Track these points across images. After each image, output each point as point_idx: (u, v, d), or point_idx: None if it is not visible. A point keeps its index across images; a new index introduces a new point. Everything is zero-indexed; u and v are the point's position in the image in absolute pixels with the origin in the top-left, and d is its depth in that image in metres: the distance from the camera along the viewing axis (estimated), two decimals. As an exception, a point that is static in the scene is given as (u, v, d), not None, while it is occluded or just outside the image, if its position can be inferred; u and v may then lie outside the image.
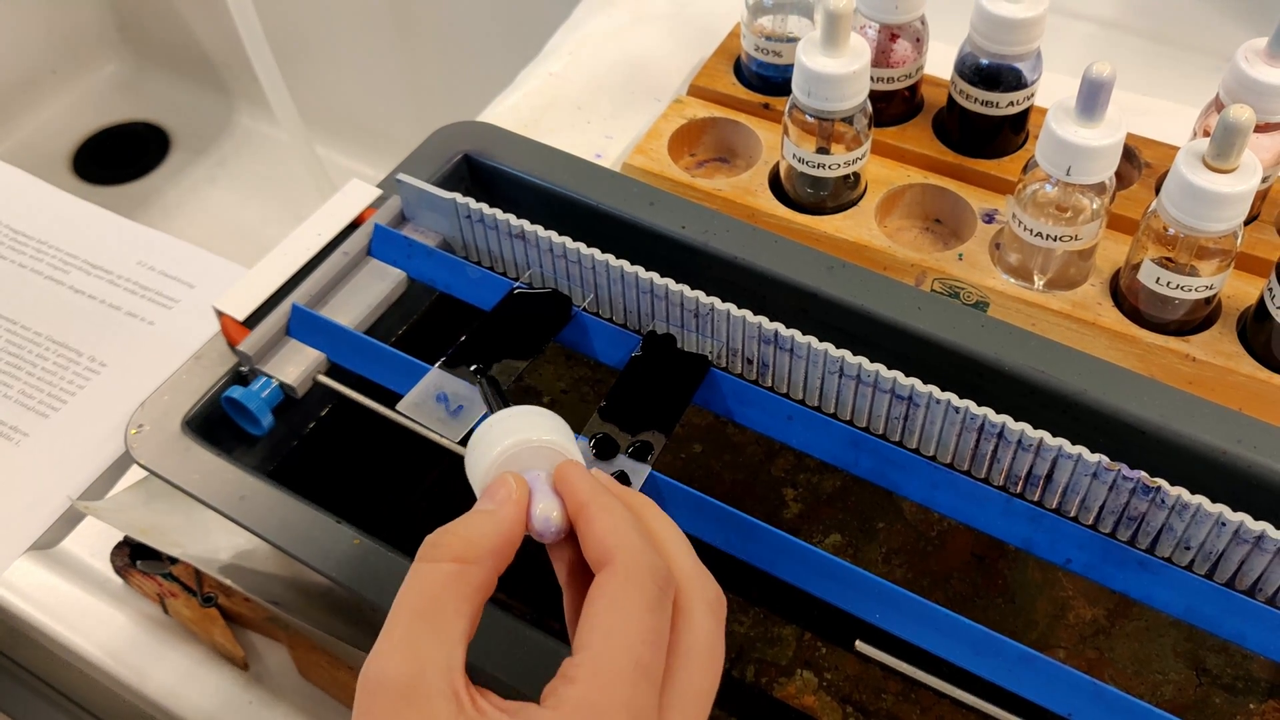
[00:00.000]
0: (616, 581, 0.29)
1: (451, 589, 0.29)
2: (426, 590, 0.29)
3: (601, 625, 0.28)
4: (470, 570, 0.29)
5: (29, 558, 0.53)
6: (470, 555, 0.30)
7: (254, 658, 0.50)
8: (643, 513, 0.32)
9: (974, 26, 0.55)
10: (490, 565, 0.30)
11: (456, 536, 0.30)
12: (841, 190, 0.58)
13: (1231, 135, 0.45)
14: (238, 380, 0.47)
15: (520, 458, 0.33)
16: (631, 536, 0.30)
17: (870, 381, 0.42)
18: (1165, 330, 0.52)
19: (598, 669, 0.28)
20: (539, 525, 0.31)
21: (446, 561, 0.29)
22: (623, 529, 0.30)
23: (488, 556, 0.30)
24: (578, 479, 0.32)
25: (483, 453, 0.33)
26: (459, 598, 0.29)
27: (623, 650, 0.28)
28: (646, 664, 0.28)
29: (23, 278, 0.64)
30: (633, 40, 0.74)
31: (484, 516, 0.31)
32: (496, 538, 0.30)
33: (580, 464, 0.33)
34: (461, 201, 0.48)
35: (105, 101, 1.25)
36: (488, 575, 0.30)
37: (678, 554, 0.31)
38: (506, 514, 0.31)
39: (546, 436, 0.33)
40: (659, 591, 0.29)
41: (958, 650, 0.37)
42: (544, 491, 0.32)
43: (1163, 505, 0.38)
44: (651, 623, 0.28)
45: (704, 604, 0.30)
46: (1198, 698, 0.45)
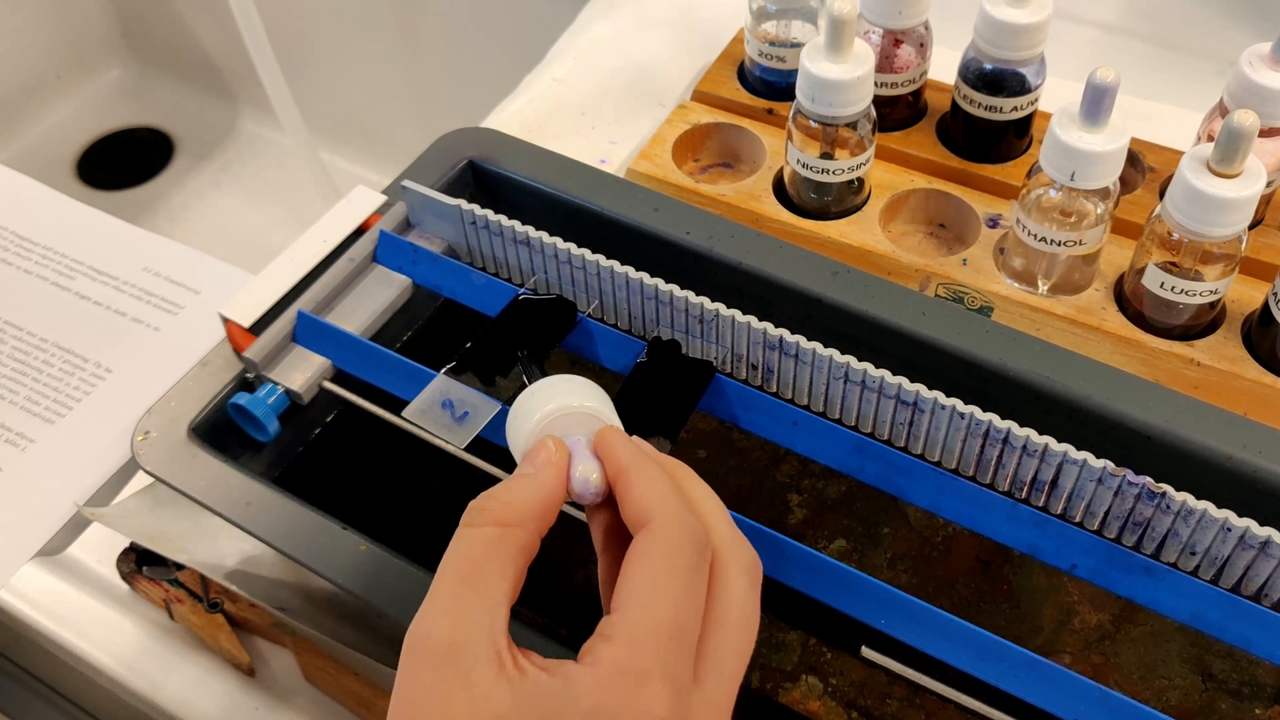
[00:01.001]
0: (655, 543, 0.29)
1: (494, 552, 0.29)
2: (470, 554, 0.29)
3: (640, 586, 0.29)
4: (513, 533, 0.30)
5: (35, 564, 0.53)
6: (512, 518, 0.30)
7: (260, 663, 0.50)
8: (681, 478, 0.33)
9: (978, 31, 0.55)
10: (532, 528, 0.30)
11: (498, 500, 0.30)
12: (845, 195, 0.58)
13: (1236, 140, 0.45)
14: (244, 387, 0.47)
15: (560, 423, 0.33)
16: (670, 500, 0.30)
17: (875, 387, 0.42)
18: (1170, 335, 0.52)
19: (635, 629, 0.28)
20: (578, 487, 0.32)
21: (489, 525, 0.30)
22: (662, 493, 0.30)
23: (529, 519, 0.30)
24: (618, 443, 0.32)
25: (523, 419, 0.34)
26: (502, 560, 0.29)
27: (661, 611, 0.28)
28: (683, 626, 0.28)
29: (28, 284, 0.64)
30: (636, 46, 0.74)
31: (525, 480, 0.31)
32: (537, 501, 0.31)
33: (620, 429, 0.34)
34: (466, 208, 0.48)
35: (110, 107, 1.25)
36: (530, 537, 0.30)
37: (715, 519, 0.32)
38: (547, 477, 0.31)
39: (587, 402, 0.34)
40: (696, 555, 0.29)
41: (963, 656, 0.37)
42: (584, 454, 0.32)
43: (1168, 510, 0.38)
44: (689, 585, 0.29)
45: (740, 569, 0.31)
46: (1203, 703, 0.45)
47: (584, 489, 0.32)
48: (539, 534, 0.31)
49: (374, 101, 1.15)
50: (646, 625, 0.28)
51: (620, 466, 0.32)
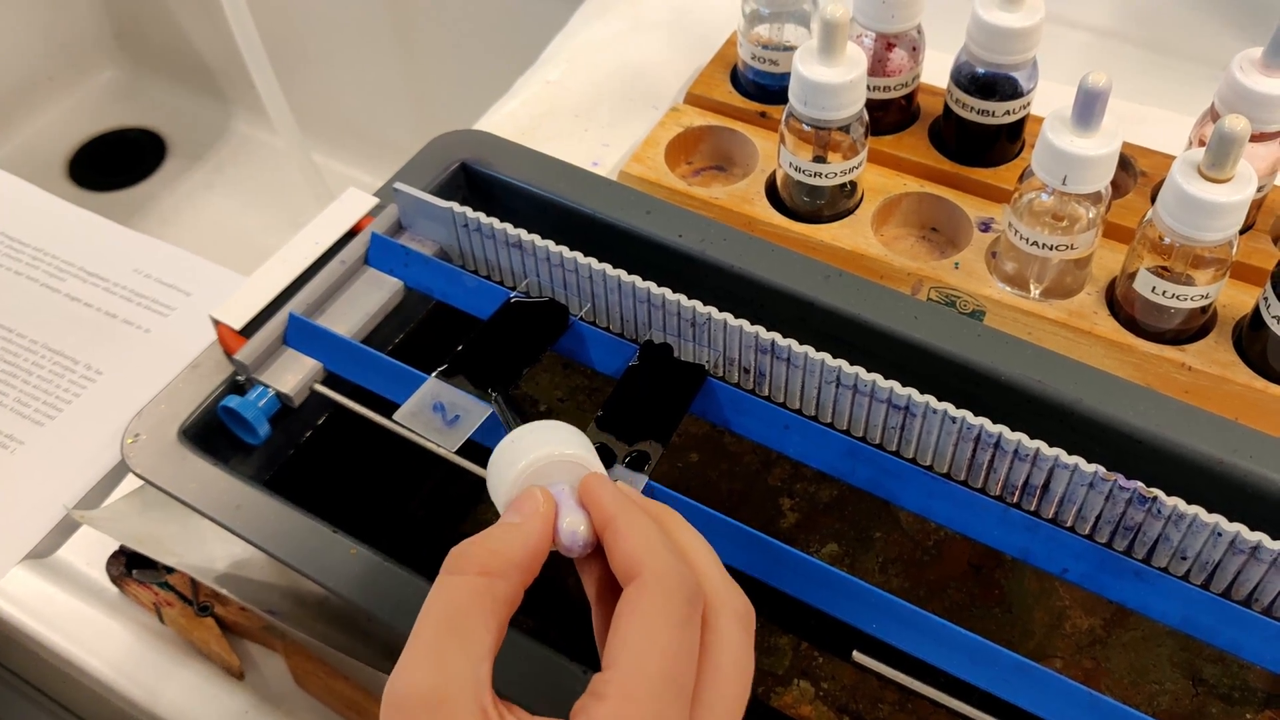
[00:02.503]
0: (645, 596, 0.29)
1: (477, 602, 0.29)
2: (453, 603, 0.29)
3: (631, 640, 0.28)
4: (496, 583, 0.29)
5: (24, 566, 0.53)
6: (496, 568, 0.29)
7: (250, 667, 0.50)
8: (670, 525, 0.32)
9: (970, 35, 0.55)
10: (517, 579, 0.30)
11: (483, 549, 0.30)
12: (838, 199, 0.58)
13: (1226, 145, 0.45)
14: (234, 389, 0.47)
15: (544, 472, 0.33)
16: (659, 550, 0.30)
17: (867, 391, 0.42)
18: (1161, 339, 0.52)
19: (628, 685, 0.27)
20: (566, 540, 0.31)
21: (473, 574, 0.29)
22: (650, 543, 0.30)
23: (514, 570, 0.30)
24: (604, 492, 0.32)
25: (506, 468, 0.33)
26: (485, 611, 0.29)
27: (653, 665, 0.28)
28: (677, 679, 0.28)
29: (18, 285, 0.64)
30: (630, 48, 0.74)
31: (511, 530, 0.31)
32: (523, 551, 0.30)
33: (605, 476, 0.33)
34: (459, 210, 0.48)
35: (102, 108, 1.25)
36: (514, 588, 0.30)
37: (706, 566, 0.31)
38: (533, 527, 0.31)
39: (570, 450, 0.33)
40: (688, 605, 0.29)
41: (955, 660, 0.37)
42: (569, 505, 0.32)
43: (1159, 515, 0.38)
44: (681, 637, 0.28)
45: (733, 615, 0.30)
46: (1194, 707, 0.45)
47: (572, 541, 0.31)
48: (523, 585, 0.30)
49: (367, 103, 1.15)
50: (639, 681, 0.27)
51: (607, 516, 0.31)
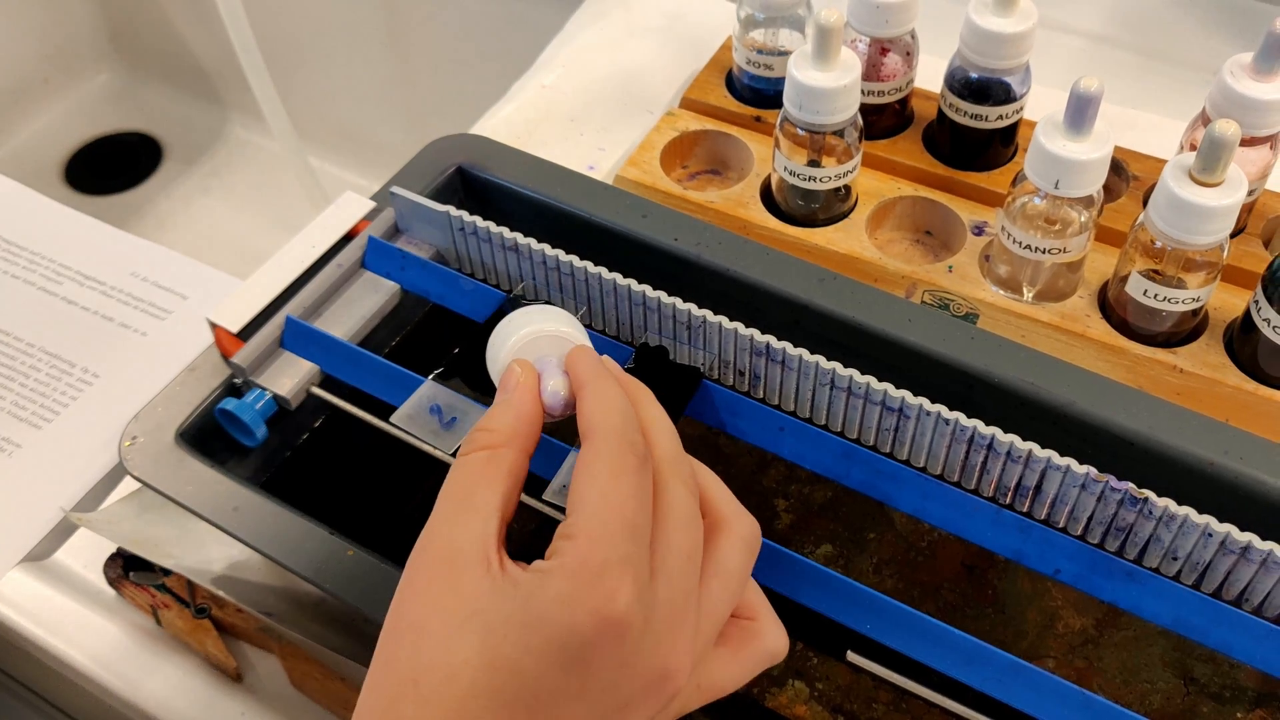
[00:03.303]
0: (597, 451, 0.32)
1: (482, 472, 0.32)
2: (463, 476, 0.33)
3: (590, 489, 0.31)
4: (499, 453, 0.33)
5: (22, 569, 0.53)
6: (496, 441, 0.33)
7: (247, 669, 0.50)
8: (638, 398, 0.35)
9: (963, 40, 0.56)
10: (517, 445, 0.33)
11: (481, 429, 0.34)
12: (832, 203, 0.58)
13: (1217, 149, 0.46)
14: (231, 392, 0.47)
15: (533, 346, 0.36)
16: (613, 414, 0.33)
17: (861, 393, 0.42)
18: (1153, 342, 0.52)
19: (591, 525, 0.30)
20: (548, 399, 0.35)
21: (476, 450, 0.33)
22: (609, 407, 0.33)
23: (512, 438, 0.33)
24: (582, 361, 0.35)
25: (498, 346, 0.37)
26: (491, 478, 0.32)
27: (612, 508, 0.30)
28: (633, 521, 0.31)
29: (15, 289, 0.64)
30: (625, 53, 0.75)
31: (501, 405, 0.34)
32: (515, 420, 0.34)
33: (589, 348, 0.36)
34: (455, 214, 0.49)
35: (98, 111, 1.25)
36: (516, 455, 0.33)
37: (659, 435, 0.34)
38: (519, 397, 0.34)
39: (553, 326, 0.37)
40: (637, 461, 0.32)
41: (948, 660, 0.37)
42: (553, 371, 0.35)
43: (1150, 516, 0.38)
44: (634, 486, 0.31)
45: (679, 480, 0.33)
46: (1185, 707, 0.45)
47: (554, 401, 0.35)
48: (524, 451, 0.33)
49: (363, 107, 1.15)
50: (601, 520, 0.30)
51: (580, 382, 0.34)
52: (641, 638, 0.30)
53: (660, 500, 0.32)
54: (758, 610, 0.34)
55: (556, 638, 0.29)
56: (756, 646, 0.34)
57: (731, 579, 0.33)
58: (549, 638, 0.29)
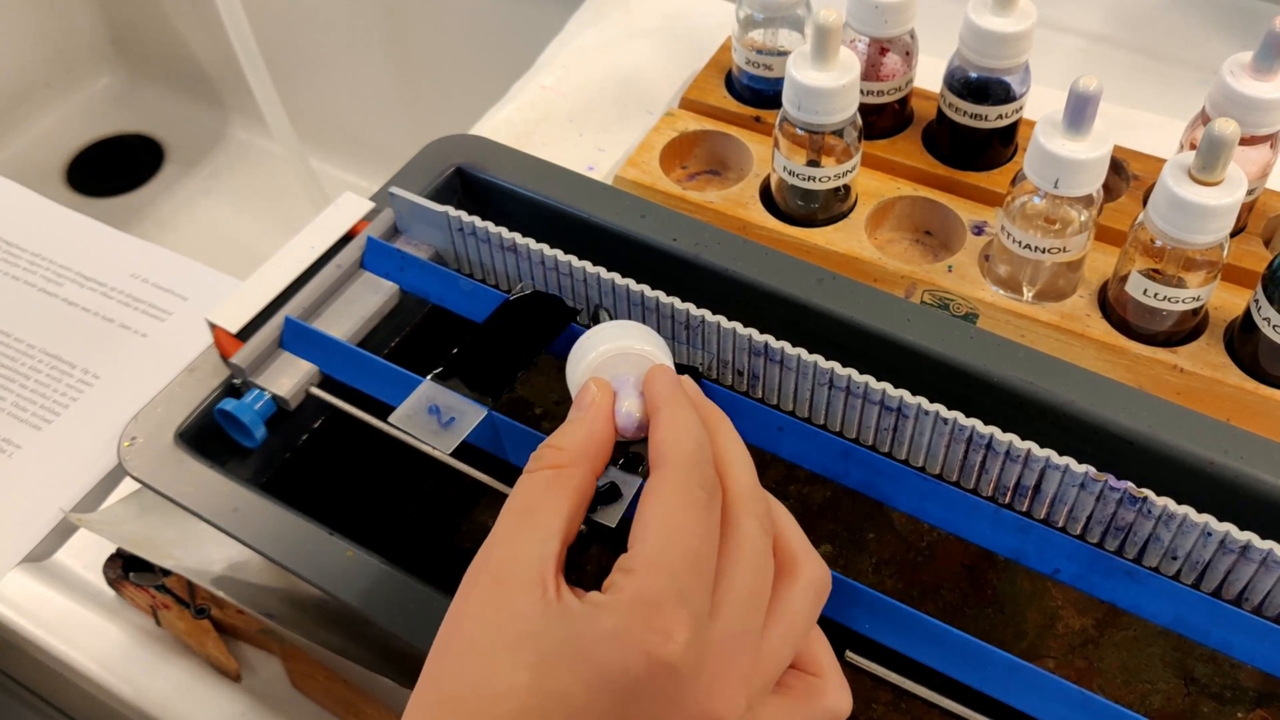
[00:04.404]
0: (665, 481, 0.31)
1: (547, 491, 0.32)
2: (526, 495, 0.32)
3: (654, 521, 0.30)
4: (564, 473, 0.32)
5: (22, 570, 0.53)
6: (563, 460, 0.32)
7: (247, 669, 0.50)
8: (715, 426, 0.34)
9: (963, 40, 0.56)
10: (585, 466, 0.33)
11: (550, 446, 0.33)
12: (832, 203, 0.58)
13: (1217, 149, 0.46)
14: (231, 393, 0.47)
15: (610, 364, 0.35)
16: (687, 443, 0.32)
17: (860, 393, 0.42)
18: (1153, 341, 0.52)
19: (652, 560, 0.29)
20: (622, 422, 0.34)
21: (543, 469, 0.32)
22: (683, 435, 0.32)
23: (580, 459, 0.33)
24: (659, 382, 0.34)
25: (576, 362, 0.36)
26: (555, 498, 0.32)
27: (675, 543, 0.30)
28: (696, 557, 0.30)
29: (16, 290, 0.64)
30: (625, 53, 0.75)
31: (573, 424, 0.34)
32: (586, 440, 0.33)
33: (669, 369, 0.35)
34: (454, 214, 0.49)
35: (99, 114, 1.25)
36: (583, 476, 0.32)
37: (735, 468, 0.33)
38: (591, 416, 0.34)
39: (637, 344, 0.36)
40: (705, 495, 0.31)
41: (948, 660, 0.37)
42: (629, 392, 0.34)
43: (1150, 515, 0.38)
44: (701, 520, 0.30)
45: (753, 518, 0.32)
46: (1186, 707, 0.45)
47: (627, 423, 0.34)
48: (592, 472, 0.33)
49: (363, 108, 1.15)
50: (662, 555, 0.29)
51: (656, 405, 0.34)
52: (695, 678, 0.29)
53: (729, 536, 0.31)
54: (824, 666, 0.33)
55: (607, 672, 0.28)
56: (816, 704, 0.32)
57: (795, 625, 0.32)
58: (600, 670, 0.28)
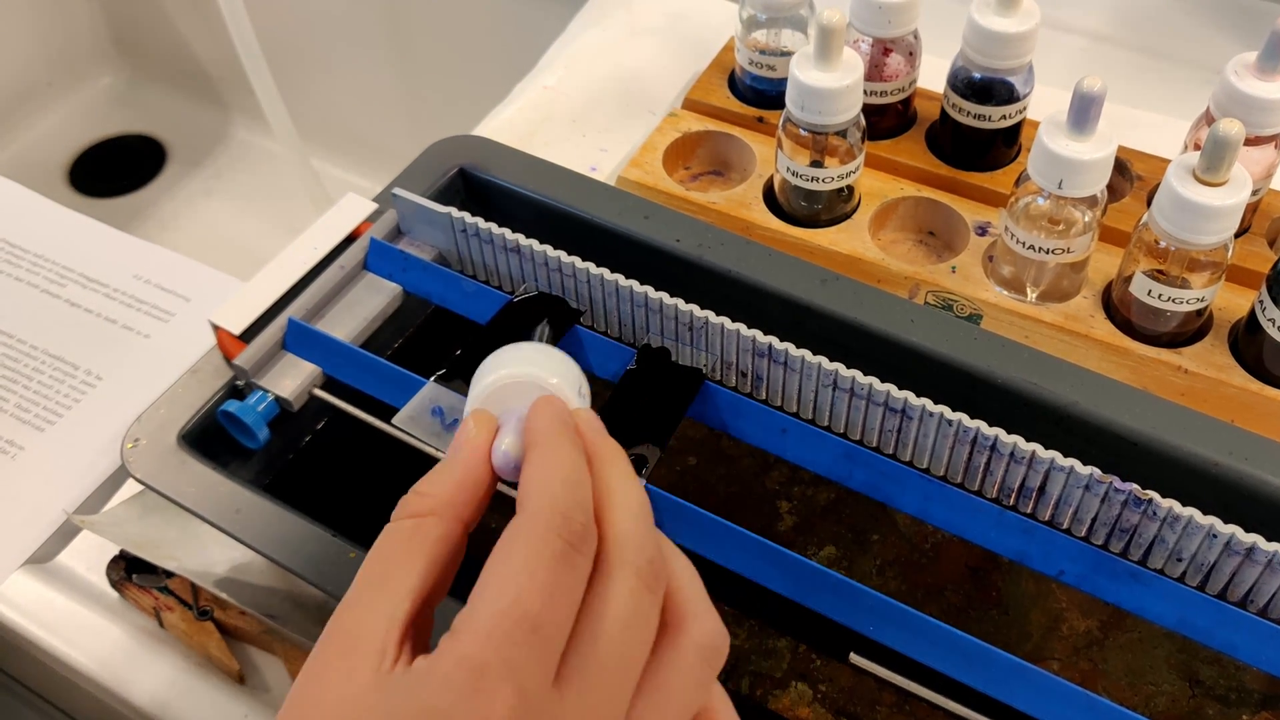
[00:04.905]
0: (519, 531, 0.27)
1: (404, 545, 0.28)
2: (383, 550, 0.29)
3: (493, 577, 0.27)
4: (425, 523, 0.29)
5: (25, 571, 0.53)
6: (424, 508, 0.29)
7: (249, 671, 0.50)
8: (601, 466, 0.30)
9: (966, 40, 0.56)
10: (450, 515, 0.29)
11: (415, 493, 0.30)
12: (835, 203, 0.58)
13: (1221, 149, 0.46)
14: (233, 394, 0.47)
15: (502, 395, 0.31)
16: (551, 485, 0.28)
17: (864, 394, 0.42)
18: (1157, 342, 0.52)
19: (479, 622, 0.26)
20: (498, 462, 0.30)
21: (404, 519, 0.29)
22: (549, 476, 0.28)
23: (445, 507, 0.29)
24: (541, 416, 0.30)
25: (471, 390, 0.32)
26: (412, 554, 0.28)
27: (508, 602, 0.26)
28: (537, 620, 0.26)
29: (19, 291, 0.64)
30: (627, 54, 0.75)
31: (441, 468, 0.30)
32: (451, 485, 0.29)
33: (556, 400, 0.31)
34: (457, 215, 0.49)
35: (101, 114, 1.25)
36: (447, 525, 0.29)
37: (617, 513, 0.29)
38: (462, 458, 0.30)
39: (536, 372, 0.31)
40: (563, 545, 0.27)
41: (952, 662, 0.37)
42: (511, 427, 0.30)
43: (1155, 517, 0.38)
44: (548, 576, 0.26)
45: (629, 568, 0.28)
46: (1191, 709, 0.45)
47: (503, 463, 0.30)
48: (460, 520, 0.29)
49: (366, 109, 1.15)
50: (493, 618, 0.26)
51: (530, 441, 0.30)
52: None
53: (594, 594, 0.27)
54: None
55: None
56: None
57: (675, 696, 0.28)
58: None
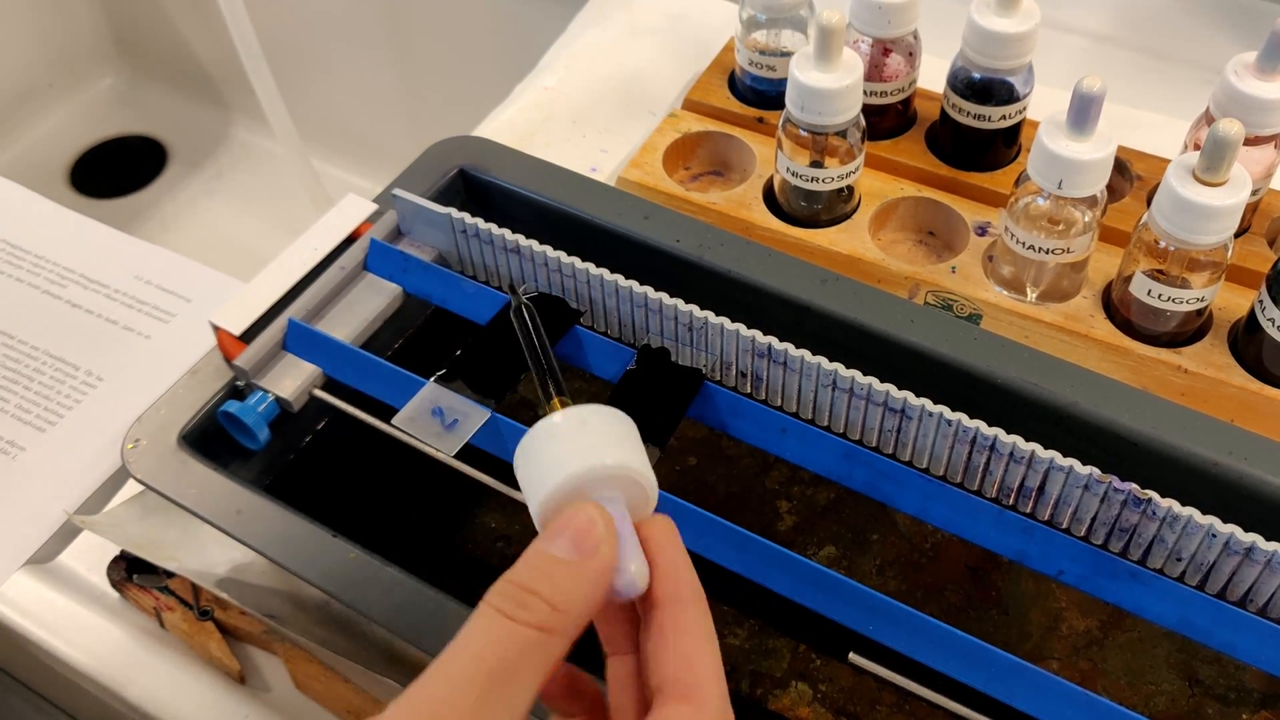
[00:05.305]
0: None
1: (530, 659, 0.25)
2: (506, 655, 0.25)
3: None
4: (554, 641, 0.25)
5: (25, 572, 0.53)
6: (557, 625, 0.25)
7: (250, 671, 0.50)
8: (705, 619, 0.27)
9: (966, 41, 0.56)
10: (574, 634, 0.26)
11: (543, 599, 0.25)
12: (835, 203, 0.58)
13: (1221, 149, 0.46)
14: (234, 395, 0.47)
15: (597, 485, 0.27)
16: (719, 673, 0.26)
17: (863, 394, 0.42)
18: (1157, 342, 0.52)
19: None
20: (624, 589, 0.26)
21: (531, 627, 0.25)
22: (713, 659, 0.26)
23: (573, 626, 0.26)
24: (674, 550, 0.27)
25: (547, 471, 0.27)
26: (536, 669, 0.25)
27: None
28: None
29: (20, 292, 0.64)
30: (628, 54, 0.75)
31: (573, 573, 0.26)
32: (586, 604, 0.26)
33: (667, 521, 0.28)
34: (457, 216, 0.49)
35: (102, 115, 1.25)
36: (568, 645, 0.26)
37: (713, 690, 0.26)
38: (596, 569, 0.26)
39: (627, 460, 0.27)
40: None
41: (951, 662, 0.37)
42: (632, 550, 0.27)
43: (1154, 517, 0.38)
44: None
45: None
46: (1190, 708, 0.45)
47: (630, 591, 0.26)
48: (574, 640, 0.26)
49: (366, 110, 1.15)
50: None
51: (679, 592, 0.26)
52: None
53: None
54: None
55: None
56: None
57: None
58: None
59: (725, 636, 0.48)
